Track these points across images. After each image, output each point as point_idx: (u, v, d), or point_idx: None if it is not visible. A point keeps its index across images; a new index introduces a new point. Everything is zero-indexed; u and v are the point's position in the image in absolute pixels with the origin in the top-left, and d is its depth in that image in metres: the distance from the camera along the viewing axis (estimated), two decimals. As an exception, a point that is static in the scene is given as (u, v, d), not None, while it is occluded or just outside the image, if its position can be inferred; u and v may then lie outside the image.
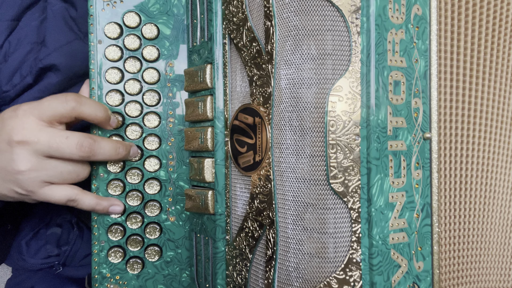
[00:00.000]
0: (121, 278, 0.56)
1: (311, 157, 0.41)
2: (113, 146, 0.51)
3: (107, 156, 0.51)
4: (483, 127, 0.49)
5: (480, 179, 0.49)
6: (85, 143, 0.48)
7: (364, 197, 0.40)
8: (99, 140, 0.50)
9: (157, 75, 0.57)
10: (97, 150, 0.49)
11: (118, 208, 0.55)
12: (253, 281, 0.46)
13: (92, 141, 0.49)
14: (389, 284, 0.41)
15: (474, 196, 0.49)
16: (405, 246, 0.42)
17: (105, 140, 0.51)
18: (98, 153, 0.49)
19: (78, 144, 0.48)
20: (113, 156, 0.51)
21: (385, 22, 0.41)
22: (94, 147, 0.49)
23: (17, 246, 0.68)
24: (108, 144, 0.51)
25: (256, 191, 0.45)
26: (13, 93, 0.63)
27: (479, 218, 0.49)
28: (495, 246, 0.50)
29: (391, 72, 0.41)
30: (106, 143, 0.50)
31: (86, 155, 0.48)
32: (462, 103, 0.47)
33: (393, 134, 0.41)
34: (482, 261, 0.49)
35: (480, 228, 0.49)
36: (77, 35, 0.63)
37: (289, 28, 0.42)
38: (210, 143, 0.51)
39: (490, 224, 0.49)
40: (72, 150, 0.48)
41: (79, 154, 0.48)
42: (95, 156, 0.49)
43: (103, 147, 0.50)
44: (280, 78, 0.42)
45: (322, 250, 0.41)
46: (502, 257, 0.50)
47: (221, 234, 0.50)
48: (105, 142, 0.50)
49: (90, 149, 0.48)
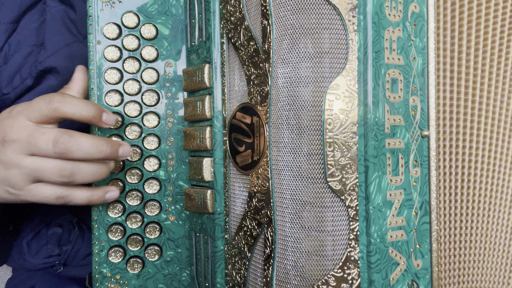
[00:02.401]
0: (122, 278, 0.57)
1: (309, 155, 0.41)
2: (94, 143, 0.47)
3: (86, 154, 0.47)
4: (482, 125, 0.49)
5: (479, 177, 0.49)
6: (61, 139, 0.46)
7: (362, 195, 0.40)
8: (76, 136, 0.47)
9: (156, 75, 0.57)
10: (74, 147, 0.46)
11: (114, 194, 0.53)
12: (252, 279, 0.46)
13: (67, 137, 0.46)
14: (387, 282, 0.41)
15: (473, 194, 0.49)
16: (403, 244, 0.42)
17: (85, 136, 0.47)
18: (75, 150, 0.46)
19: (53, 140, 0.46)
20: (95, 154, 0.48)
21: (382, 20, 0.41)
22: (70, 143, 0.46)
23: (18, 246, 0.69)
24: (88, 141, 0.47)
25: (254, 189, 0.45)
26: (13, 96, 0.63)
27: (478, 216, 0.49)
28: (495, 244, 0.50)
29: (389, 70, 0.41)
30: (85, 139, 0.47)
31: (61, 151, 0.46)
32: (460, 101, 0.47)
33: (391, 132, 0.41)
34: (482, 260, 0.49)
35: (479, 227, 0.49)
36: (76, 37, 0.63)
37: (286, 26, 0.42)
38: (208, 143, 0.51)
39: (490, 222, 0.49)
40: (47, 146, 0.45)
41: (54, 151, 0.46)
42: (71, 153, 0.46)
43: (80, 144, 0.46)
44: (277, 76, 0.42)
45: (320, 248, 0.41)
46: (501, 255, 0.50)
47: (220, 233, 0.51)
48: (84, 138, 0.47)
49: (65, 145, 0.46)
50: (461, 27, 0.47)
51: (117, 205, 0.56)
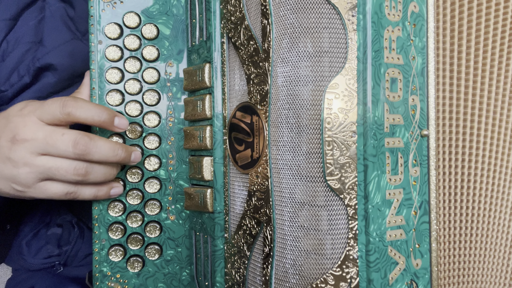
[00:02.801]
0: (122, 277, 0.57)
1: (308, 154, 0.41)
2: (111, 147, 0.49)
3: (103, 156, 0.49)
4: (482, 125, 0.49)
5: (479, 177, 0.49)
6: (81, 141, 0.47)
7: (361, 194, 0.40)
8: (96, 139, 0.49)
9: (157, 75, 0.57)
10: (93, 149, 0.48)
11: (118, 190, 0.55)
12: (251, 278, 0.46)
13: (88, 139, 0.48)
14: (386, 281, 0.41)
15: (473, 194, 0.49)
16: (402, 243, 0.42)
17: (103, 140, 0.49)
18: (94, 152, 0.48)
19: (74, 142, 0.47)
20: (111, 157, 0.50)
21: (381, 20, 0.41)
22: (90, 146, 0.48)
23: (17, 246, 0.69)
24: (106, 144, 0.49)
25: (253, 188, 0.45)
26: (11, 93, 0.63)
27: (477, 216, 0.49)
28: (495, 244, 0.49)
29: (388, 69, 0.41)
30: (103, 142, 0.49)
31: (81, 152, 0.47)
32: (460, 100, 0.47)
33: (390, 131, 0.41)
34: (481, 260, 0.49)
35: (479, 227, 0.49)
36: (75, 34, 0.63)
37: (286, 26, 0.42)
38: (208, 142, 0.51)
39: (489, 222, 0.49)
40: (67, 147, 0.47)
41: (73, 152, 0.47)
42: (90, 155, 0.48)
43: (99, 146, 0.48)
44: (277, 76, 0.42)
45: (319, 247, 0.41)
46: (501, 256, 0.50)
47: (219, 232, 0.51)
48: (102, 141, 0.49)
49: (86, 147, 0.47)
50: (461, 26, 0.47)
51: (117, 204, 0.56)
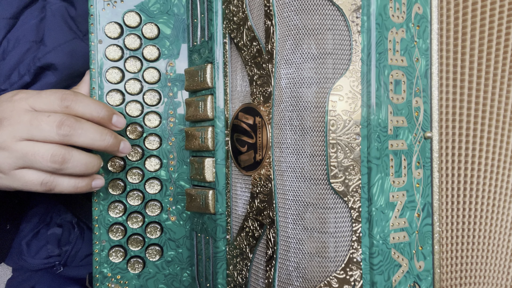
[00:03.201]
0: (122, 278, 0.56)
1: (312, 156, 0.41)
2: (99, 130, 0.47)
3: (89, 139, 0.46)
4: (486, 127, 0.49)
5: (483, 179, 0.49)
6: (67, 122, 0.45)
7: (365, 196, 0.40)
8: (83, 121, 0.46)
9: (157, 75, 0.57)
10: (78, 130, 0.45)
11: (100, 182, 0.51)
12: (254, 280, 0.46)
13: (74, 121, 0.45)
14: (389, 283, 0.41)
15: (475, 196, 0.49)
16: (405, 246, 0.42)
17: (90, 123, 0.47)
18: (80, 134, 0.45)
19: (59, 122, 0.44)
20: (97, 141, 0.47)
21: (385, 21, 0.41)
22: (76, 126, 0.45)
23: (17, 246, 0.68)
24: (93, 127, 0.47)
25: (256, 190, 0.45)
26: None
27: (480, 218, 0.49)
28: (497, 246, 0.50)
29: (392, 71, 0.41)
30: (90, 125, 0.46)
31: (65, 133, 0.45)
32: (463, 102, 0.47)
33: (394, 134, 0.41)
34: (484, 262, 0.49)
35: (482, 229, 0.49)
36: (76, 34, 0.63)
37: (290, 27, 0.41)
38: (210, 143, 0.51)
39: (492, 224, 0.49)
40: (51, 127, 0.44)
41: (57, 132, 0.44)
42: (75, 137, 0.45)
43: (86, 128, 0.46)
44: (281, 77, 0.42)
45: (323, 249, 0.41)
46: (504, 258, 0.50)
47: (221, 234, 0.50)
48: (89, 124, 0.46)
49: (71, 128, 0.45)
50: (465, 28, 0.47)
51: (118, 204, 0.56)
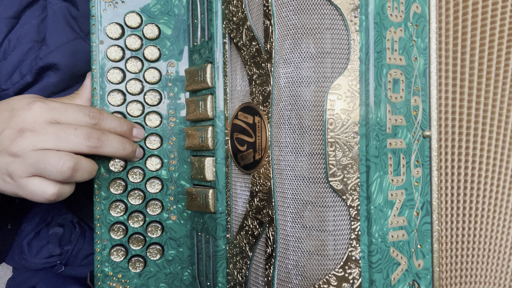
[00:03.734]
0: (123, 277, 0.57)
1: (310, 155, 0.41)
2: (121, 141, 0.51)
3: (114, 149, 0.50)
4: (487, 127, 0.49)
5: (482, 178, 0.49)
6: (94, 134, 0.48)
7: (363, 194, 0.40)
8: (107, 133, 0.50)
9: (158, 75, 0.57)
10: (105, 142, 0.49)
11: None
12: (253, 278, 0.46)
13: (100, 133, 0.49)
14: (388, 281, 0.41)
15: (476, 195, 0.49)
16: (404, 244, 0.42)
17: (113, 134, 0.51)
18: (106, 145, 0.49)
19: (87, 134, 0.48)
20: (120, 151, 0.51)
21: (384, 21, 0.41)
22: (103, 138, 0.49)
23: (18, 246, 0.69)
24: (116, 138, 0.51)
25: (256, 189, 0.45)
26: (12, 92, 0.63)
27: (480, 217, 0.49)
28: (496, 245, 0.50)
29: (390, 70, 0.41)
30: (114, 137, 0.51)
31: (94, 145, 0.48)
32: (463, 102, 0.47)
33: (392, 132, 0.42)
34: (484, 261, 0.49)
35: (481, 228, 0.49)
36: (78, 34, 0.63)
37: (288, 27, 0.42)
38: (210, 142, 0.51)
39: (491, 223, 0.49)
40: (80, 140, 0.47)
41: (86, 144, 0.47)
42: (102, 148, 0.49)
43: (111, 140, 0.50)
44: (279, 76, 0.42)
45: (321, 247, 0.41)
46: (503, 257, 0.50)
47: (221, 233, 0.51)
48: (112, 136, 0.51)
49: (98, 140, 0.48)
50: (465, 28, 0.47)
51: (119, 204, 0.56)
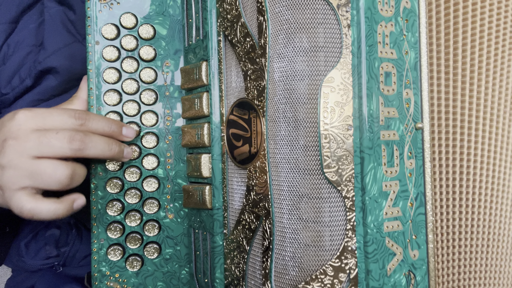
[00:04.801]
0: (121, 276, 0.57)
1: (305, 147, 0.42)
2: (106, 142, 0.49)
3: (99, 151, 0.49)
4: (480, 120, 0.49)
5: (474, 169, 0.49)
6: (77, 136, 0.47)
7: (358, 185, 0.41)
8: (90, 134, 0.48)
9: (154, 75, 0.58)
10: (89, 144, 0.47)
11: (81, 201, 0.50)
12: (251, 272, 0.47)
13: (83, 135, 0.47)
14: (384, 271, 0.41)
15: (471, 187, 0.49)
16: (399, 235, 0.43)
17: (98, 135, 0.49)
18: (90, 147, 0.47)
19: (69, 137, 0.46)
20: (106, 152, 0.49)
21: (374, 15, 0.42)
22: (86, 140, 0.47)
23: (16, 247, 0.69)
24: (101, 139, 0.49)
25: (252, 183, 0.46)
26: (12, 96, 0.64)
27: (473, 207, 0.50)
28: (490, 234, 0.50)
29: (382, 64, 0.42)
30: (98, 138, 0.49)
31: (78, 147, 0.46)
32: (455, 95, 0.48)
33: (385, 124, 0.42)
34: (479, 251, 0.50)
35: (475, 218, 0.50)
36: (76, 37, 0.64)
37: (281, 22, 0.43)
38: (206, 139, 0.52)
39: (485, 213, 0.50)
40: (62, 143, 0.46)
41: (69, 147, 0.46)
42: (87, 150, 0.47)
43: (95, 141, 0.48)
44: (274, 71, 0.43)
45: (318, 239, 0.41)
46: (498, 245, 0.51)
47: (219, 228, 0.51)
48: (97, 137, 0.49)
49: (82, 142, 0.47)
50: (457, 24, 0.48)
51: (116, 203, 0.57)
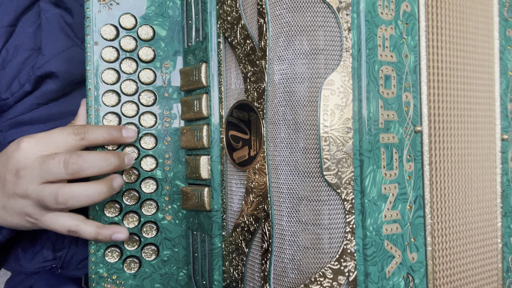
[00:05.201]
0: (118, 278, 0.57)
1: (305, 150, 0.42)
2: (101, 158, 0.49)
3: (97, 169, 0.49)
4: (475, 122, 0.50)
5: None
6: (71, 160, 0.47)
7: (358, 188, 0.41)
8: (84, 154, 0.48)
9: (153, 76, 0.58)
10: (84, 165, 0.48)
11: (121, 236, 0.53)
12: (250, 275, 0.47)
13: (76, 157, 0.48)
14: (383, 274, 0.42)
15: None
16: (398, 237, 0.43)
17: (91, 153, 0.49)
18: (86, 168, 0.48)
19: (64, 162, 0.47)
20: (104, 168, 0.49)
21: (375, 18, 0.42)
22: (80, 162, 0.47)
23: (13, 252, 0.68)
24: (96, 156, 0.49)
25: (251, 185, 0.46)
26: (12, 101, 0.63)
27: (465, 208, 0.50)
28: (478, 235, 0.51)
29: (382, 67, 0.42)
30: (92, 156, 0.49)
31: (73, 171, 0.47)
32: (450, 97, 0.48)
33: (385, 127, 0.42)
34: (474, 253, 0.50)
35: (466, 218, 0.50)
36: (74, 41, 0.63)
37: (282, 24, 0.43)
38: (205, 141, 0.52)
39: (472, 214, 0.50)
40: (59, 169, 0.47)
41: (66, 172, 0.47)
42: (83, 171, 0.48)
43: (89, 160, 0.48)
44: (274, 73, 0.43)
45: (317, 241, 0.41)
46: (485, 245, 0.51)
47: (217, 231, 0.51)
48: (91, 155, 0.49)
49: (76, 165, 0.47)
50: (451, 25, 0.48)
51: (113, 204, 0.56)
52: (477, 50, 0.51)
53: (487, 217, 0.52)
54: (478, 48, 0.51)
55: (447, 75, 0.48)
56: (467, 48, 0.50)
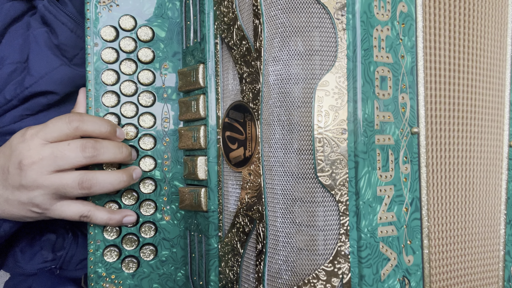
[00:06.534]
0: (117, 277, 0.57)
1: (299, 151, 0.41)
2: (116, 145, 0.52)
3: (112, 155, 0.51)
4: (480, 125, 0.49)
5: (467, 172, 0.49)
6: (88, 144, 0.49)
7: (352, 190, 0.41)
8: (100, 140, 0.50)
9: (152, 77, 0.58)
10: (101, 149, 0.50)
11: (131, 218, 0.56)
12: (245, 275, 0.47)
13: (94, 142, 0.50)
14: (378, 277, 0.41)
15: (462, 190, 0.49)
16: (394, 240, 0.42)
17: (107, 140, 0.51)
18: (103, 152, 0.50)
19: (82, 146, 0.48)
20: (118, 155, 0.52)
21: (370, 19, 0.42)
22: (98, 146, 0.49)
23: (12, 253, 0.68)
24: (111, 143, 0.51)
25: (246, 186, 0.46)
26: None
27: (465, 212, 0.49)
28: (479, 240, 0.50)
29: (378, 68, 0.42)
30: (108, 142, 0.51)
31: (91, 154, 0.49)
32: (449, 98, 0.48)
33: (380, 129, 0.42)
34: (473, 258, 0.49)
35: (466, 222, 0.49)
36: (62, 60, 0.62)
37: (277, 25, 0.43)
38: (203, 141, 0.52)
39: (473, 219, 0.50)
40: (77, 153, 0.48)
41: (83, 156, 0.49)
42: (100, 156, 0.50)
43: (106, 146, 0.50)
44: (269, 74, 0.43)
45: (311, 243, 0.41)
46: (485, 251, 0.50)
47: (213, 231, 0.51)
48: (107, 142, 0.51)
49: (94, 149, 0.49)
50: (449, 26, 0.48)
51: (112, 204, 0.57)
52: (485, 54, 0.50)
53: (489, 223, 0.51)
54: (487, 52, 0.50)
55: (446, 77, 0.48)
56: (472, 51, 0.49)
